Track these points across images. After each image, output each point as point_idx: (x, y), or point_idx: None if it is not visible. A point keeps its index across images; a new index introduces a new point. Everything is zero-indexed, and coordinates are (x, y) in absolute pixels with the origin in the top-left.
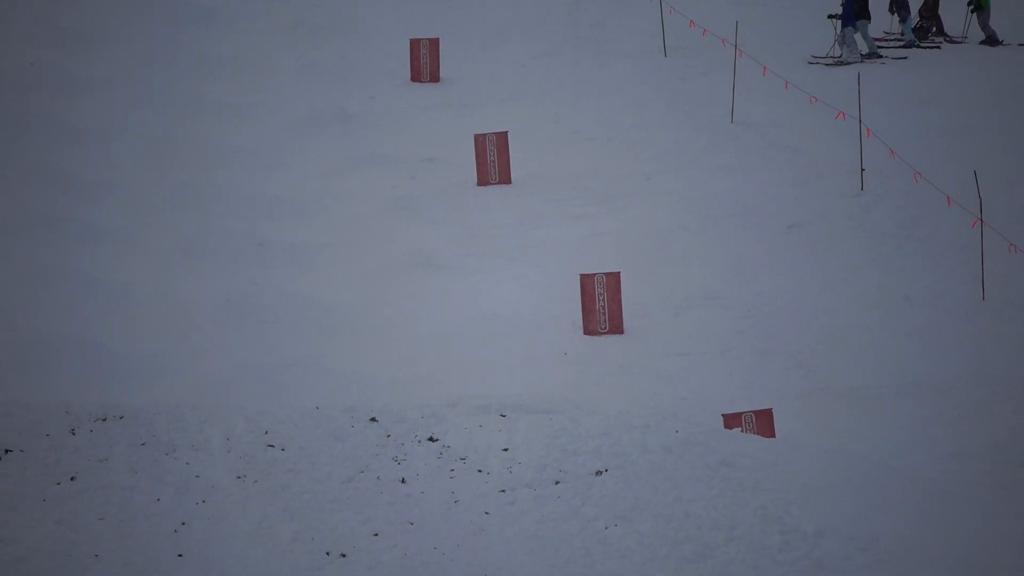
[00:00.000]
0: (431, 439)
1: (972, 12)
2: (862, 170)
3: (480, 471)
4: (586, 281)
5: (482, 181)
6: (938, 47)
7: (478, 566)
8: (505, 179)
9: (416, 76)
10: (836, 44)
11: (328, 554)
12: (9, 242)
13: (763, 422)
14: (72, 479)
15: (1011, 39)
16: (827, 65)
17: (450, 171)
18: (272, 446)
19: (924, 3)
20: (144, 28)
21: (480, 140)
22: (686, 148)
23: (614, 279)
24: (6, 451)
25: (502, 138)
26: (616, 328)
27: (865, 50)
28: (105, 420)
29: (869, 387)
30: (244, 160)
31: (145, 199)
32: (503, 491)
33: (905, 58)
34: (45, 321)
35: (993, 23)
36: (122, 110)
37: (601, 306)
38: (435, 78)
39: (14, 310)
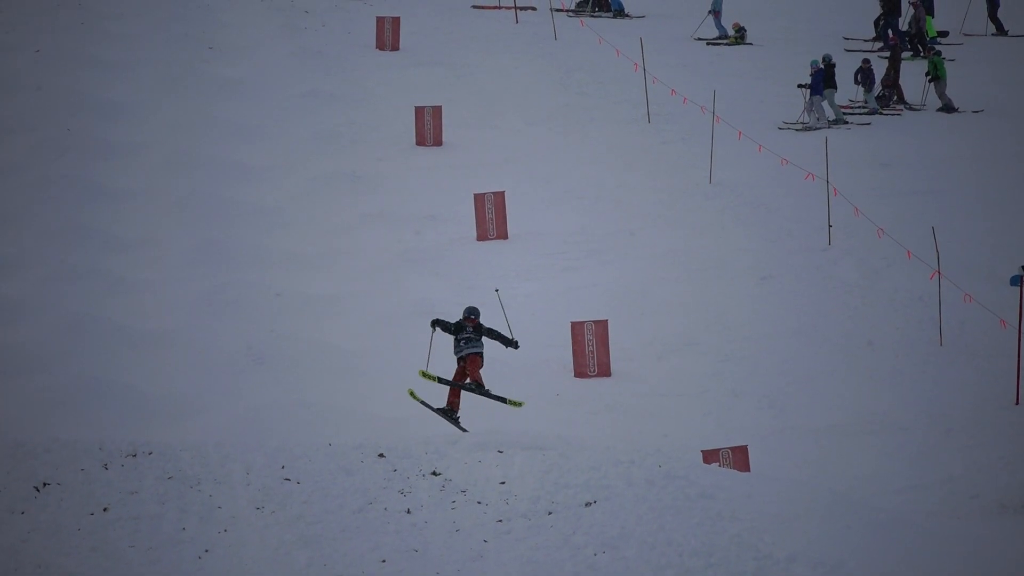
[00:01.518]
0: (434, 473)
1: (930, 82)
2: (829, 226)
3: (479, 502)
4: (576, 328)
5: (481, 236)
6: (899, 114)
7: None
8: (502, 235)
9: (420, 140)
10: (805, 111)
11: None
12: (48, 293)
13: (739, 457)
14: (105, 510)
15: (965, 107)
16: (797, 131)
17: (451, 227)
18: (288, 479)
19: (886, 73)
20: (176, 98)
21: (479, 199)
22: (668, 206)
23: (602, 326)
24: (44, 484)
25: (499, 197)
26: (604, 371)
27: (832, 117)
28: (135, 456)
29: (835, 425)
30: (263, 218)
31: (172, 253)
32: (500, 521)
33: (869, 124)
34: (81, 365)
35: (949, 91)
36: (152, 172)
37: (590, 351)
38: (438, 142)
39: (53, 355)
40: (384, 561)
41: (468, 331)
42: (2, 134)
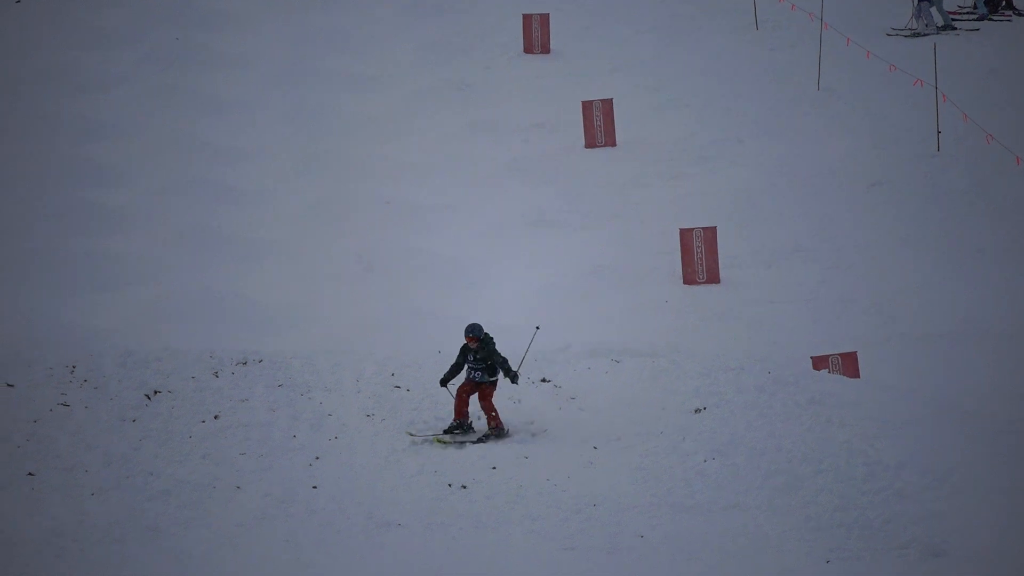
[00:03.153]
0: (544, 380)
1: None
2: (938, 133)
3: (589, 409)
4: (685, 235)
5: (589, 144)
6: (1009, 19)
7: (587, 496)
8: (610, 142)
9: (528, 48)
10: (913, 18)
11: (450, 485)
12: (159, 204)
13: (849, 364)
14: (216, 417)
15: None
16: (905, 36)
17: (559, 135)
18: (398, 387)
19: None
20: (283, 12)
21: (587, 106)
22: (776, 114)
23: (711, 233)
24: (155, 392)
25: (608, 104)
26: (713, 278)
27: (940, 23)
28: (245, 364)
29: (945, 333)
30: (371, 127)
31: (281, 164)
32: (611, 428)
33: (978, 30)
34: (191, 275)
35: None
36: (262, 83)
37: (699, 258)
38: (546, 50)
39: (164, 265)
40: (495, 468)
41: (470, 359)
42: (110, 46)
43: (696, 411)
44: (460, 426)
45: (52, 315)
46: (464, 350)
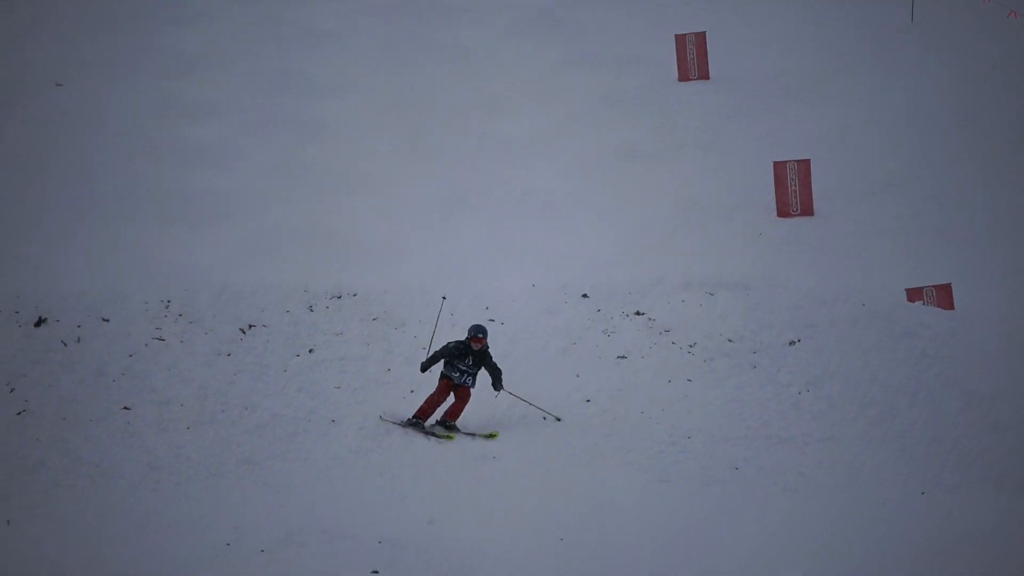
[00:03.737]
0: (637, 313)
1: None
2: None
3: (682, 342)
4: (779, 168)
5: (682, 77)
6: None
7: (682, 428)
8: (704, 75)
9: None
10: None
11: (544, 419)
12: (253, 139)
13: (943, 296)
14: (310, 351)
15: None
16: None
17: (652, 69)
18: (493, 320)
19: None
20: None
21: (680, 40)
22: (867, 47)
23: (805, 166)
24: (250, 326)
25: (700, 37)
26: (807, 211)
27: None
28: (340, 298)
29: None
30: (463, 62)
31: (375, 99)
32: (705, 361)
33: None
34: (286, 210)
35: None
36: (354, 14)
37: (793, 190)
38: None
39: (258, 200)
40: (588, 401)
41: (468, 362)
42: None
43: (790, 343)
44: (417, 424)
45: (147, 250)
46: (458, 350)
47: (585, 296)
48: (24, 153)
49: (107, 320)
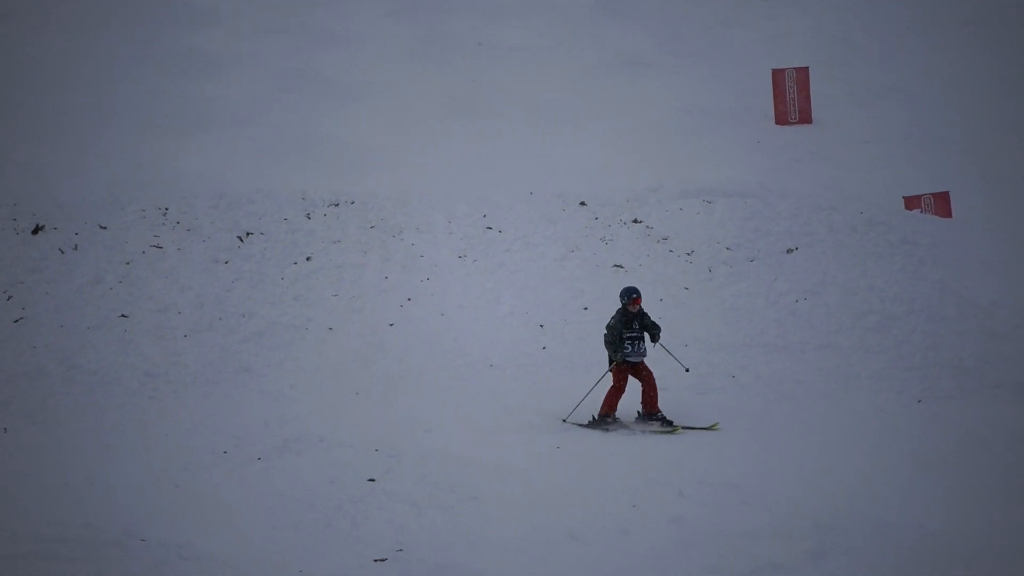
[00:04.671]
0: (635, 221)
1: None
2: None
3: (680, 251)
4: (777, 75)
5: None
6: None
7: (678, 336)
8: None
9: None
10: None
11: (542, 326)
12: (254, 46)
13: (941, 204)
14: (308, 259)
15: None
16: None
17: None
18: (490, 228)
19: None
20: None
21: None
22: None
23: (803, 73)
24: (248, 234)
25: None
26: (805, 118)
27: None
28: (338, 205)
29: None
30: None
31: (375, 6)
32: (703, 269)
33: None
34: (285, 117)
35: None
36: None
37: (791, 97)
38: None
39: (258, 108)
40: (586, 308)
41: (635, 326)
42: None
43: (788, 251)
44: (607, 419)
45: (145, 158)
46: (624, 318)
47: (583, 204)
48: (19, 61)
49: (104, 228)
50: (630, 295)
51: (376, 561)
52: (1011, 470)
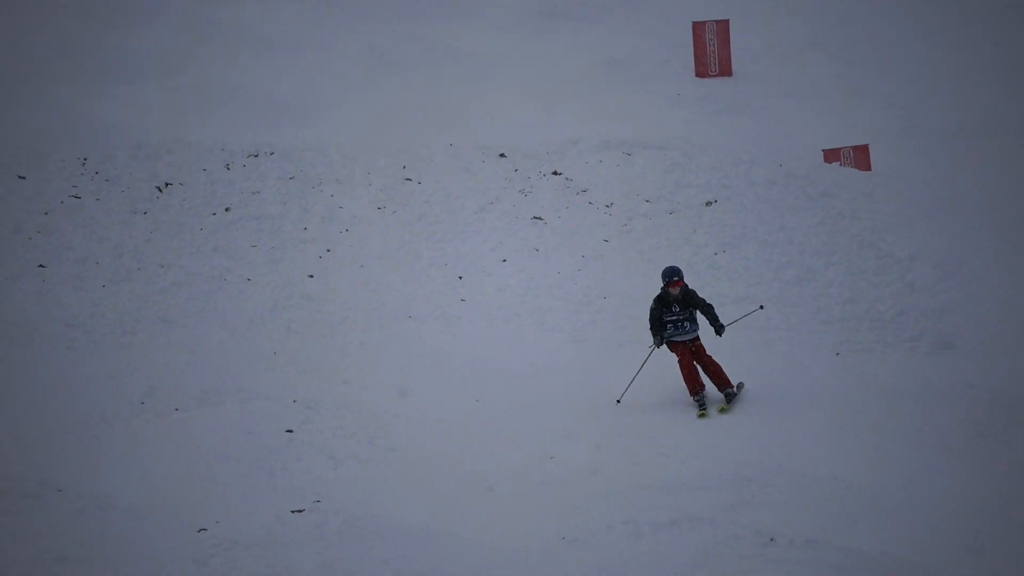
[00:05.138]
0: (555, 173)
1: None
2: None
3: (599, 203)
4: (698, 27)
5: None
6: None
7: (596, 288)
8: None
9: None
10: None
11: (461, 278)
12: None
13: (860, 156)
14: (227, 210)
15: None
16: None
17: None
18: (410, 179)
19: None
20: None
21: None
22: None
23: (724, 25)
24: (167, 184)
25: None
26: (725, 71)
27: None
28: (257, 156)
29: (961, 126)
30: None
31: None
32: (624, 223)
33: None
34: (203, 68)
35: None
36: None
37: (712, 50)
38: None
39: (176, 58)
40: (505, 260)
41: (675, 310)
42: None
43: (707, 204)
44: (701, 399)
45: (64, 107)
46: (663, 301)
47: (503, 156)
48: None
49: (23, 178)
50: (670, 277)
51: (294, 512)
52: (926, 423)
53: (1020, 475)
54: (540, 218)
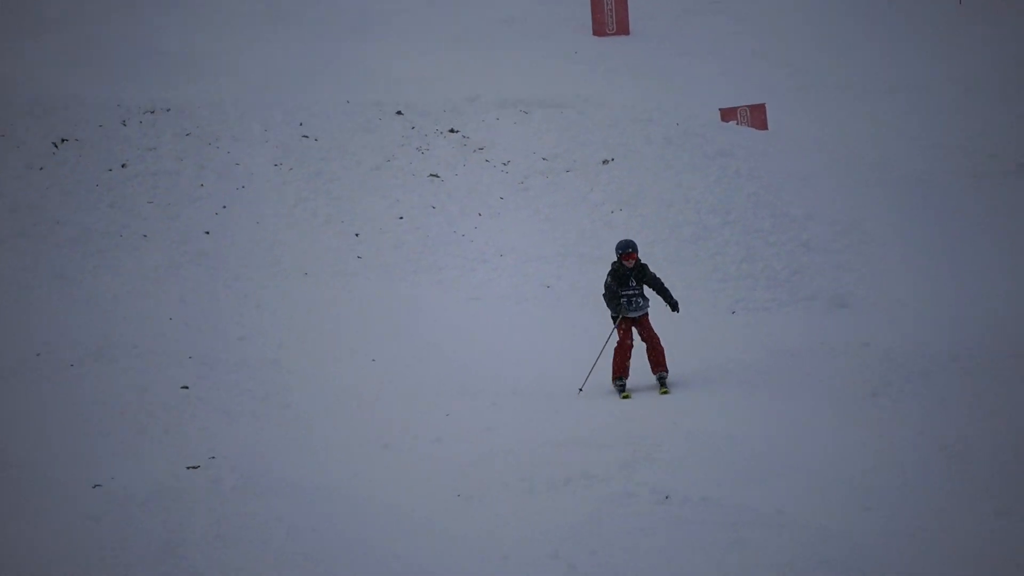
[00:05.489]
0: (452, 131)
1: None
2: None
3: (496, 161)
4: None
5: None
6: None
7: (493, 246)
8: None
9: None
10: None
11: (357, 235)
12: None
13: (757, 116)
14: (123, 166)
15: None
16: None
17: None
18: (307, 136)
19: None
20: None
21: None
22: None
23: None
24: (62, 140)
25: None
26: (623, 29)
27: None
28: (153, 112)
29: (854, 84)
30: None
31: None
32: (521, 181)
33: None
34: (98, 23)
35: None
36: None
37: (609, 8)
38: None
39: (69, 13)
40: (402, 218)
41: (632, 284)
42: None
43: (604, 162)
44: (623, 384)
45: None
46: (619, 275)
47: (400, 113)
48: None
49: None
50: (624, 249)
51: (189, 468)
52: (821, 381)
53: (914, 433)
54: (437, 175)
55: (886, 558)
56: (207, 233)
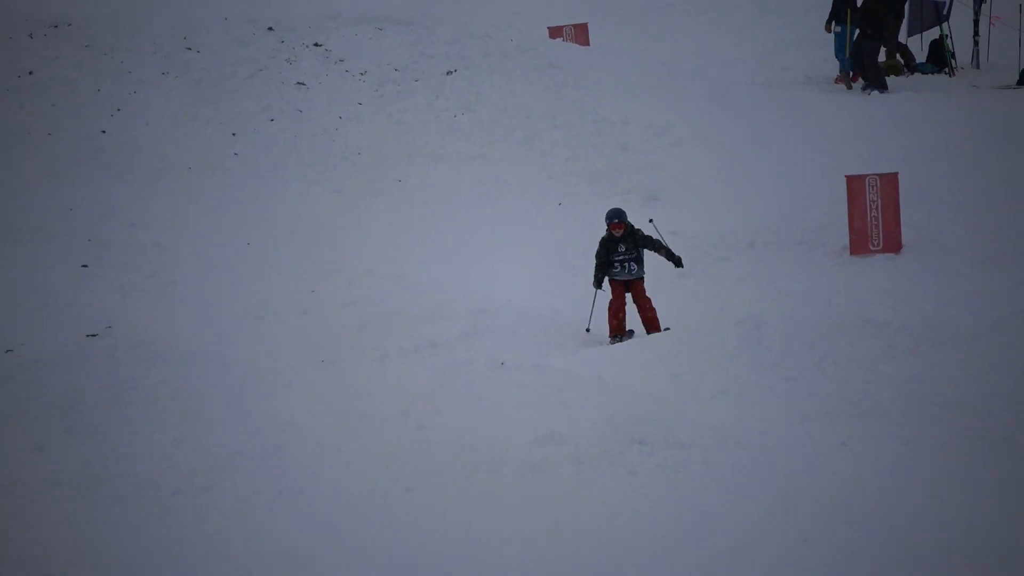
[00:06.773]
0: (316, 44)
1: None
2: None
3: (355, 71)
4: None
5: None
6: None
7: (352, 145)
8: None
9: None
10: None
11: (234, 135)
12: None
13: (580, 34)
14: (30, 73)
15: None
16: None
17: None
18: (190, 48)
19: None
20: None
21: None
22: None
23: None
24: None
25: None
26: None
27: None
28: (56, 27)
29: (665, 5)
30: None
31: None
32: (376, 89)
33: None
34: None
35: None
36: None
37: None
38: None
39: None
40: (272, 120)
41: (620, 249)
42: None
43: (448, 73)
44: (618, 339)
45: None
46: (608, 244)
47: (271, 29)
48: None
49: None
50: (610, 219)
51: (88, 336)
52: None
53: (715, 309)
54: (303, 83)
55: (689, 415)
56: (103, 132)
